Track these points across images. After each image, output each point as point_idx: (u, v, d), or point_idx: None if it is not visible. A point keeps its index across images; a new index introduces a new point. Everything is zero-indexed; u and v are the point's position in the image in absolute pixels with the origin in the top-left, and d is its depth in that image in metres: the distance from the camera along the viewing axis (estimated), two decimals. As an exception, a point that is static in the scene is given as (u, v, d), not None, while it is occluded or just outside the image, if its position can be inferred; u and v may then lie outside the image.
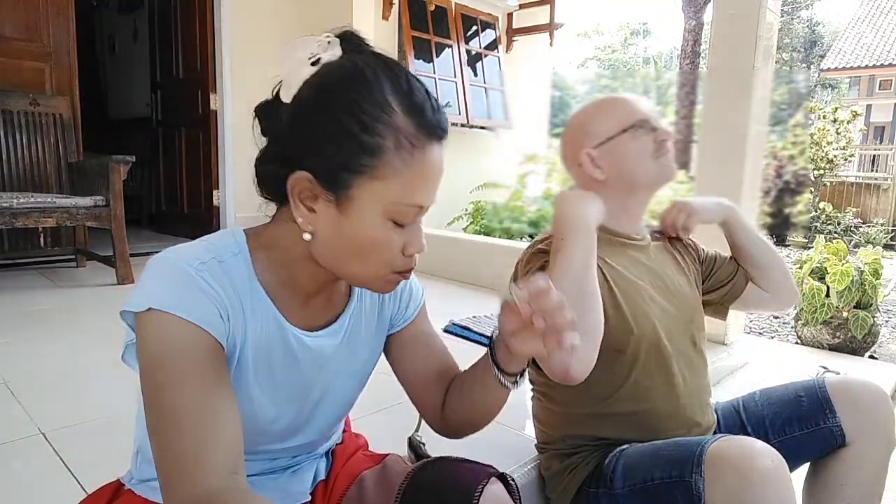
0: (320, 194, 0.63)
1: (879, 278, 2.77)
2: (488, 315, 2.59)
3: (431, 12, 5.51)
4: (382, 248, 0.64)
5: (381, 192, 0.62)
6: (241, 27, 4.16)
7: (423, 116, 0.62)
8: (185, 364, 0.59)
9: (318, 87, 0.63)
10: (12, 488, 1.19)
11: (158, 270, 0.62)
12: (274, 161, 0.66)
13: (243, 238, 0.69)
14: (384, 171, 0.61)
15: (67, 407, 1.56)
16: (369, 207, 0.62)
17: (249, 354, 0.67)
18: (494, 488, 0.72)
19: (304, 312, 0.73)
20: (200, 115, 4.27)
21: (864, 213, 9.83)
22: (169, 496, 0.57)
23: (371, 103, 0.61)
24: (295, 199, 0.64)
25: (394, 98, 0.62)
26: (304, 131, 0.63)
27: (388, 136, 0.61)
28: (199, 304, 0.61)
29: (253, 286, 0.67)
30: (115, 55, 6.16)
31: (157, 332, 0.60)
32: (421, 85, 0.65)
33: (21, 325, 2.31)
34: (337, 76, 0.63)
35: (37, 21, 3.31)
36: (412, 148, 0.62)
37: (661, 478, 0.90)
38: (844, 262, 2.75)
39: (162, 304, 0.60)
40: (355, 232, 0.63)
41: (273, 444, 0.76)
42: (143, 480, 0.75)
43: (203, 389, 0.59)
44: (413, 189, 0.63)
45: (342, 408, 0.83)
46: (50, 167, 3.32)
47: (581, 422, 1.08)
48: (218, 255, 0.66)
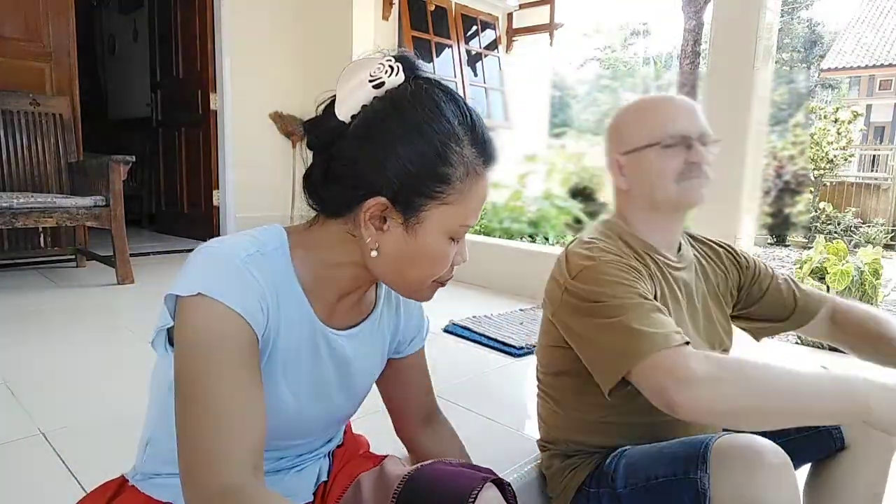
0: (391, 216, 0.67)
1: (879, 278, 2.77)
2: (488, 315, 2.59)
3: (431, 12, 5.51)
4: (441, 263, 0.70)
5: (447, 216, 0.67)
6: (241, 27, 4.16)
7: (485, 148, 0.68)
8: (227, 353, 0.61)
9: (392, 113, 0.65)
10: (12, 488, 1.19)
11: (207, 259, 0.64)
12: (342, 182, 0.68)
13: (285, 235, 0.71)
14: (452, 197, 0.66)
15: (67, 407, 1.56)
16: (436, 229, 0.67)
17: (280, 347, 0.69)
18: (489, 494, 0.72)
19: (332, 312, 0.75)
20: (200, 115, 4.28)
21: (864, 213, 9.82)
22: (191, 483, 0.58)
23: (444, 133, 0.65)
24: (366, 220, 0.67)
25: (462, 129, 0.66)
26: (378, 155, 0.65)
27: (458, 166, 0.66)
28: (245, 295, 0.63)
29: (290, 280, 0.69)
30: (115, 55, 6.17)
31: (202, 318, 0.61)
32: (479, 116, 0.70)
33: (21, 325, 2.31)
34: (410, 103, 0.66)
35: (37, 21, 3.31)
36: (476, 176, 0.68)
37: (666, 476, 0.89)
38: (844, 262, 2.75)
39: (211, 290, 0.61)
40: (420, 250, 0.68)
41: (287, 441, 0.77)
42: (149, 476, 0.75)
43: (240, 380, 0.61)
44: (471, 212, 0.69)
45: (351, 408, 0.84)
46: (50, 167, 3.32)
47: (587, 428, 1.07)
48: (262, 247, 0.68)
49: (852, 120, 10.06)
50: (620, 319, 0.87)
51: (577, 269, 0.97)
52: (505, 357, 2.12)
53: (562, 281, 0.99)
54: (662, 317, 0.89)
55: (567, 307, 0.96)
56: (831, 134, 9.91)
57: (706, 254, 1.16)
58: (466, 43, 5.87)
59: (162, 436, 0.73)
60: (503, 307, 2.80)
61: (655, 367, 0.82)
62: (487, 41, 6.13)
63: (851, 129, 10.18)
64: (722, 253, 1.17)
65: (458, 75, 5.71)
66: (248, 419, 0.60)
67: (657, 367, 0.82)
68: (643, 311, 0.88)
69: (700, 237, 1.19)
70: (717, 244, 1.19)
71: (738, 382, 0.78)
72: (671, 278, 1.04)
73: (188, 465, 0.58)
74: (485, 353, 2.16)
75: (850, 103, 14.14)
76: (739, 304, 1.17)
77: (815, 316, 1.15)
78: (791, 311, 1.15)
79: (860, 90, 17.51)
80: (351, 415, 0.86)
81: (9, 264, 3.31)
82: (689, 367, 0.80)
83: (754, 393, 0.78)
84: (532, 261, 3.19)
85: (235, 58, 4.15)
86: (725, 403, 0.78)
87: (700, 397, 0.78)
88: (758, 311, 1.17)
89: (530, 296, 3.01)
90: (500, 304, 2.91)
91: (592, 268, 0.95)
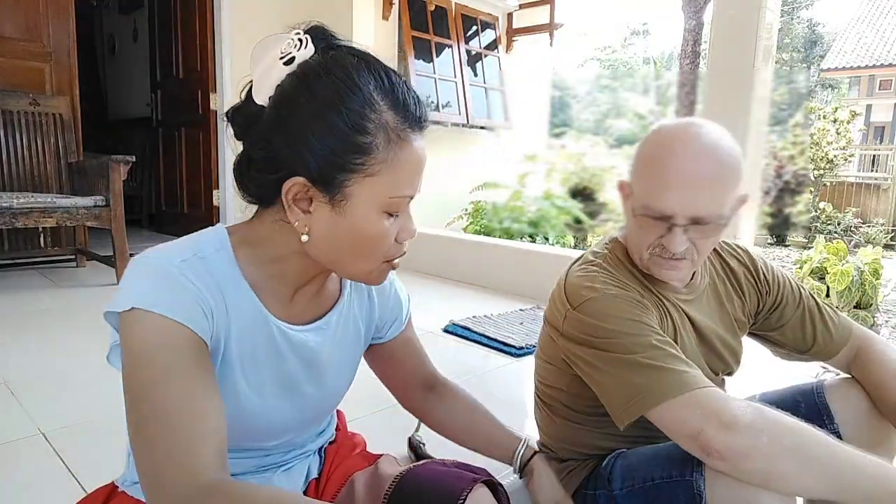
0: (315, 196, 0.64)
1: (879, 278, 2.78)
2: (488, 315, 2.59)
3: (431, 12, 5.51)
4: (380, 241, 0.66)
5: (375, 188, 0.63)
6: (241, 27, 4.16)
7: (407, 111, 0.64)
8: (171, 361, 0.59)
9: (301, 89, 0.63)
10: (12, 488, 1.18)
11: (140, 270, 0.62)
12: (261, 167, 0.66)
13: (225, 234, 0.70)
14: (376, 168, 0.63)
15: (67, 407, 1.56)
16: (364, 203, 0.64)
17: (234, 349, 0.68)
18: (479, 494, 0.72)
19: (290, 307, 0.73)
20: (200, 115, 4.27)
21: (864, 213, 9.82)
22: (159, 494, 0.56)
23: (358, 102, 0.61)
24: (290, 203, 0.64)
25: (378, 94, 0.63)
26: (292, 135, 0.63)
27: (377, 134, 0.62)
28: (181, 302, 0.61)
29: (236, 280, 0.67)
30: (115, 55, 6.17)
31: (141, 331, 0.59)
32: (399, 77, 0.66)
33: (21, 325, 2.31)
34: (319, 76, 0.62)
35: (37, 21, 3.31)
36: (400, 142, 0.63)
37: (662, 477, 0.89)
38: (844, 262, 2.75)
39: (145, 302, 0.59)
40: (353, 228, 0.64)
41: (263, 442, 0.76)
42: (137, 482, 0.75)
43: (189, 386, 0.59)
44: (403, 181, 0.65)
45: (330, 402, 0.83)
46: (50, 167, 3.32)
47: (580, 434, 1.07)
48: (199, 251, 0.66)
49: (851, 120, 10.07)
50: (636, 357, 0.85)
51: (580, 299, 0.93)
52: (505, 357, 2.12)
53: (563, 309, 0.96)
54: (679, 354, 0.87)
55: (571, 336, 0.94)
56: (831, 134, 9.92)
57: (724, 274, 1.08)
58: (466, 43, 5.87)
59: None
60: (503, 307, 2.80)
61: (690, 408, 0.79)
62: (487, 41, 6.13)
63: (851, 129, 10.19)
64: (742, 275, 1.08)
65: (458, 75, 5.71)
66: (208, 422, 0.58)
67: (693, 408, 0.79)
68: (661, 349, 0.86)
69: (721, 247, 1.10)
70: (739, 258, 1.09)
71: (781, 438, 0.75)
72: (679, 312, 0.99)
73: (152, 476, 0.56)
74: (485, 353, 2.16)
75: (850, 103, 14.12)
76: (757, 325, 1.11)
77: (834, 356, 1.07)
78: (809, 347, 1.08)
79: (860, 90, 17.50)
80: (332, 407, 0.85)
81: (9, 264, 3.31)
82: (734, 413, 0.77)
83: (795, 452, 0.75)
84: (532, 261, 3.19)
85: (235, 58, 4.15)
86: (764, 457, 0.75)
87: (742, 445, 0.75)
88: (776, 336, 1.10)
89: (530, 296, 3.01)
90: (500, 304, 2.91)
91: (596, 300, 0.91)
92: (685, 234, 0.89)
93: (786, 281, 1.10)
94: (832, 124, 9.98)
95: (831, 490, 0.76)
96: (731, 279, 1.08)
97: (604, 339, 0.89)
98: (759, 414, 0.78)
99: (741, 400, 0.81)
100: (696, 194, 0.86)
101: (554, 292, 1.02)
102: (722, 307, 1.06)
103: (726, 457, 0.76)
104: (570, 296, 0.96)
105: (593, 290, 0.93)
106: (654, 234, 0.91)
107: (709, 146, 0.87)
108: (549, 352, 1.05)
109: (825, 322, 1.07)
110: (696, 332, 1.02)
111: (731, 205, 0.90)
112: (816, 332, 1.07)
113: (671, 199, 0.87)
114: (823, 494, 0.77)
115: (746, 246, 1.14)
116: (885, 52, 15.86)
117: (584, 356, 0.92)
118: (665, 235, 0.90)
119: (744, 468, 0.76)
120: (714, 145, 0.87)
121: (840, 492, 0.75)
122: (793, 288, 1.09)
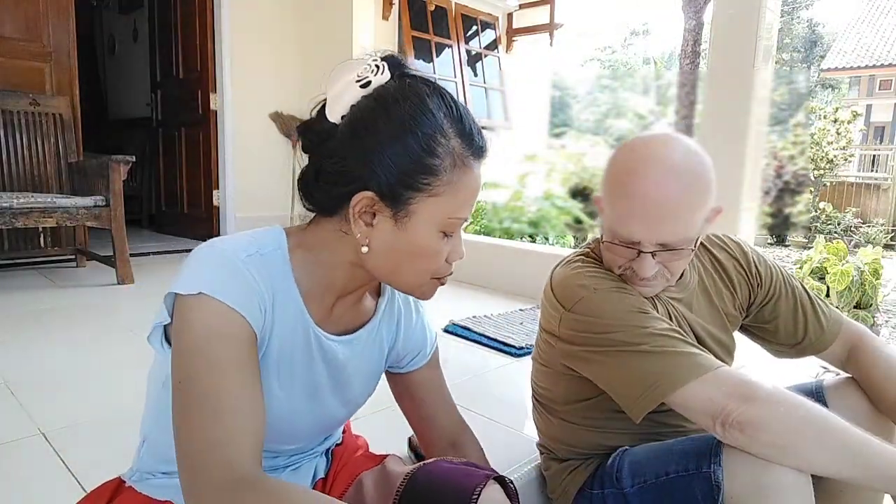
0: (380, 210, 0.67)
1: (879, 278, 2.78)
2: (488, 315, 2.59)
3: (431, 12, 5.51)
4: (433, 258, 0.70)
5: (437, 208, 0.68)
6: (241, 27, 4.16)
7: (472, 140, 0.69)
8: (229, 350, 0.61)
9: (379, 111, 0.67)
10: (12, 488, 1.19)
11: (208, 258, 0.65)
12: (332, 179, 0.69)
13: (283, 236, 0.72)
14: (440, 189, 0.67)
15: (67, 407, 1.56)
16: (425, 221, 0.68)
17: (275, 348, 0.70)
18: (492, 491, 0.72)
19: (328, 316, 0.75)
20: (200, 115, 4.27)
21: (864, 213, 9.82)
22: (196, 479, 0.57)
23: (430, 127, 0.66)
24: (355, 216, 0.68)
25: (447, 122, 0.67)
26: (367, 152, 0.66)
27: (445, 158, 0.67)
28: (245, 294, 0.64)
29: (287, 281, 0.70)
30: (115, 55, 6.17)
31: (203, 317, 0.62)
32: (466, 108, 0.71)
33: (21, 325, 2.31)
34: (397, 100, 0.67)
35: (37, 21, 3.31)
36: (464, 167, 0.68)
37: (677, 472, 0.88)
38: (844, 262, 2.75)
39: (213, 289, 0.62)
40: (411, 244, 0.68)
41: (281, 444, 0.77)
42: (146, 476, 0.75)
43: (241, 377, 0.61)
44: (462, 204, 0.69)
45: (345, 414, 0.84)
46: (50, 167, 3.32)
47: (581, 436, 1.06)
48: (261, 248, 0.68)
49: (852, 120, 10.07)
50: (645, 347, 0.85)
51: (573, 299, 0.93)
52: (505, 357, 2.12)
53: (558, 313, 0.96)
54: (685, 338, 0.87)
55: (570, 339, 0.94)
56: (831, 134, 9.93)
57: (712, 267, 1.07)
58: (466, 43, 5.87)
59: (158, 433, 0.73)
60: (503, 307, 2.80)
61: (713, 386, 0.81)
62: (487, 41, 6.13)
63: (851, 129, 10.19)
64: (732, 267, 1.07)
65: (458, 75, 5.71)
66: (252, 415, 0.61)
67: (716, 386, 0.81)
68: (666, 335, 0.86)
69: (710, 241, 1.10)
70: (729, 251, 1.09)
71: (797, 409, 0.78)
72: (670, 308, 1.00)
73: (193, 461, 0.58)
74: (485, 352, 2.16)
75: (850, 103, 14.14)
76: (750, 319, 1.11)
77: (825, 350, 1.07)
78: (800, 340, 1.08)
79: (860, 90, 17.50)
80: (345, 420, 0.86)
81: (9, 264, 3.31)
82: (753, 387, 0.79)
83: (811, 425, 0.77)
84: (532, 261, 3.19)
85: (235, 58, 4.15)
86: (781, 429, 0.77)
87: (760, 416, 0.77)
88: (769, 329, 1.10)
89: (530, 296, 3.01)
90: (500, 304, 2.91)
91: (589, 298, 0.92)
92: (655, 258, 0.90)
93: (778, 273, 1.09)
94: (832, 124, 9.98)
95: (846, 466, 0.76)
96: (721, 273, 1.07)
97: (605, 334, 0.89)
98: (777, 388, 0.80)
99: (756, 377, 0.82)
100: (660, 222, 0.86)
101: (543, 299, 1.02)
102: (711, 304, 1.05)
103: (745, 428, 0.78)
104: (562, 298, 0.96)
105: (584, 289, 0.93)
106: (623, 259, 0.92)
107: (673, 169, 0.85)
108: (546, 356, 1.04)
109: (817, 314, 1.07)
110: (690, 329, 1.02)
111: (701, 223, 0.90)
112: (808, 324, 1.07)
113: (637, 228, 0.87)
114: (837, 471, 0.77)
115: (738, 238, 1.13)
116: (885, 52, 15.85)
117: (587, 355, 0.92)
118: (634, 260, 0.90)
119: (760, 439, 0.77)
120: (679, 167, 0.85)
121: (854, 467, 0.76)
122: (785, 280, 1.09)
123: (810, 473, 0.79)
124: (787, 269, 1.14)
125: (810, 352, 1.09)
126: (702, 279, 1.06)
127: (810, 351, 1.09)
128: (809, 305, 1.08)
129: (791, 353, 1.11)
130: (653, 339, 0.86)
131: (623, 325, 0.88)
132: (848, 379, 1.06)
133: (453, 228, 0.70)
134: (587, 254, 1.02)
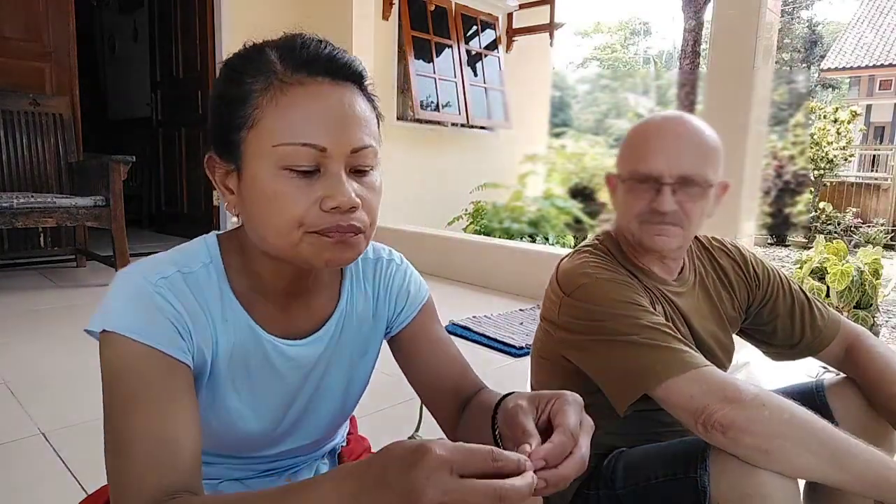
0: (223, 166, 0.61)
1: (879, 278, 2.78)
2: (488, 315, 2.59)
3: (431, 12, 5.51)
4: (284, 202, 0.57)
5: (261, 138, 0.57)
6: (241, 27, 4.16)
7: (294, 51, 0.59)
8: (134, 388, 0.57)
9: None
10: (12, 488, 1.19)
11: (119, 288, 0.61)
12: None
13: (216, 244, 0.66)
14: (258, 114, 0.57)
15: (67, 407, 1.56)
16: (257, 157, 0.58)
17: (223, 365, 0.66)
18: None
19: (284, 320, 0.69)
20: (200, 115, 4.28)
21: (864, 213, 9.83)
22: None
23: (244, 60, 0.60)
24: (217, 184, 0.63)
25: (271, 49, 0.60)
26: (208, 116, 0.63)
27: (256, 80, 0.58)
28: (153, 325, 0.59)
29: (225, 296, 0.65)
30: (115, 55, 6.17)
31: (109, 355, 0.58)
32: (317, 37, 0.61)
33: (21, 325, 2.31)
34: (232, 56, 0.63)
35: (37, 21, 3.32)
36: (283, 84, 0.57)
37: (665, 475, 0.88)
38: (844, 262, 2.75)
39: (116, 325, 0.58)
40: (253, 191, 0.58)
41: (263, 451, 0.75)
42: None
43: (152, 413, 0.57)
44: (294, 127, 0.56)
45: (336, 411, 0.80)
46: (50, 167, 3.32)
47: None
48: (184, 267, 0.63)
49: (851, 120, 10.07)
50: (636, 338, 0.86)
51: (574, 285, 0.94)
52: (505, 357, 2.12)
53: (557, 299, 0.97)
54: (675, 334, 0.88)
55: (566, 325, 0.95)
56: (831, 134, 9.93)
57: (712, 269, 1.09)
58: (466, 43, 5.87)
59: None
60: (503, 307, 2.80)
61: (695, 384, 0.81)
62: (487, 41, 6.12)
63: (851, 129, 10.20)
64: (731, 270, 1.09)
65: (458, 75, 5.71)
66: (169, 451, 0.56)
67: (698, 384, 0.81)
68: (658, 329, 0.87)
69: (710, 243, 1.11)
70: (729, 254, 1.10)
71: (781, 413, 0.77)
72: (670, 304, 1.00)
73: (113, 495, 0.56)
74: (485, 352, 2.16)
75: (850, 103, 14.13)
76: (749, 321, 1.11)
77: (822, 351, 1.07)
78: (798, 341, 1.08)
79: (860, 90, 17.50)
80: (340, 414, 0.82)
81: (9, 264, 3.32)
82: (737, 388, 0.79)
83: (795, 428, 0.76)
84: (532, 261, 3.19)
85: (235, 58, 4.16)
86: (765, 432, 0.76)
87: (743, 418, 0.77)
88: (767, 330, 1.10)
89: (530, 296, 3.01)
90: (500, 304, 2.91)
91: (589, 285, 0.93)
92: (673, 196, 0.92)
93: (776, 275, 1.11)
94: (832, 124, 9.98)
95: (829, 470, 0.76)
96: (721, 275, 1.09)
97: (599, 322, 0.90)
98: (761, 391, 0.79)
99: (743, 380, 0.82)
100: (681, 153, 0.92)
101: (547, 289, 1.03)
102: (712, 304, 1.06)
103: (728, 430, 0.77)
104: (563, 284, 0.97)
105: (586, 276, 0.94)
106: (643, 200, 0.94)
107: (691, 122, 0.95)
108: (545, 347, 1.04)
109: (814, 316, 1.08)
110: (687, 326, 1.02)
111: (714, 176, 0.94)
112: (805, 325, 1.07)
113: (658, 159, 0.92)
114: (821, 474, 0.77)
115: (737, 242, 1.15)
116: (885, 52, 15.86)
117: (580, 343, 0.93)
118: (654, 199, 0.93)
119: (744, 442, 0.77)
120: (693, 124, 0.95)
121: (840, 472, 0.76)
122: (782, 281, 1.10)
123: (795, 478, 0.79)
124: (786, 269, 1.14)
125: (808, 353, 1.09)
126: (702, 279, 1.07)
127: (808, 352, 1.09)
128: (807, 306, 1.08)
129: (789, 354, 1.11)
130: (644, 330, 0.87)
131: (617, 315, 0.89)
132: (847, 379, 1.05)
133: (297, 159, 0.56)
134: (595, 245, 1.03)
